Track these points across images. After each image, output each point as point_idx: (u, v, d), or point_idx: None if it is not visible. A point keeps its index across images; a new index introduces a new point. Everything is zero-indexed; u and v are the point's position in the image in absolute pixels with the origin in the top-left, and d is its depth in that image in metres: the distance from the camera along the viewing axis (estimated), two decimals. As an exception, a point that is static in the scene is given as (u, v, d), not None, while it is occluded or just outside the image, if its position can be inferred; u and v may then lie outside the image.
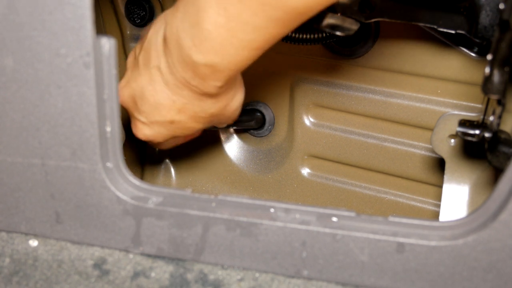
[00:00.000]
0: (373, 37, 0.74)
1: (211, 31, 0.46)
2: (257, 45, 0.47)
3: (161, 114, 0.57)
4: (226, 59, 0.48)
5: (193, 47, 0.48)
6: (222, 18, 0.45)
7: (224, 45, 0.47)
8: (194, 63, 0.49)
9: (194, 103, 0.55)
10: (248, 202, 0.48)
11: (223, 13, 0.44)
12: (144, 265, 0.49)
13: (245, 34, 0.46)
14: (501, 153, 0.55)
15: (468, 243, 0.42)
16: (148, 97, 0.56)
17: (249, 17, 0.44)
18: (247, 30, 0.45)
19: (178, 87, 0.54)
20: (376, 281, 0.45)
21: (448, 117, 0.64)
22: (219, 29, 0.45)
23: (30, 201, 0.50)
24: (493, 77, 0.49)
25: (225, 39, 0.46)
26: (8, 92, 0.47)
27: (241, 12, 0.44)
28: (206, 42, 0.47)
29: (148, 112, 0.58)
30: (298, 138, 0.84)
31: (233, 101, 0.59)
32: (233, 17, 0.44)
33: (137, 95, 0.57)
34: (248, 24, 0.45)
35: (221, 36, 0.46)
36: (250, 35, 0.46)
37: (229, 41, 0.46)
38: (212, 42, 0.47)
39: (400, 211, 0.79)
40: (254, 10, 0.44)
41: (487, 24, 0.57)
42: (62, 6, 0.43)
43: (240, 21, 0.45)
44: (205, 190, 0.91)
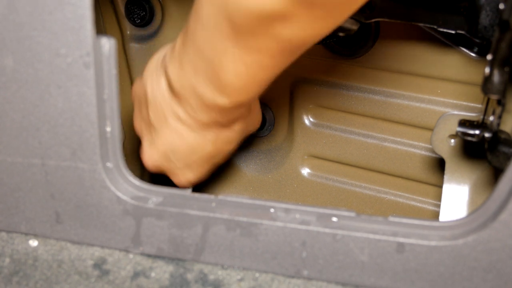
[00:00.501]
0: (373, 37, 0.74)
1: (233, 80, 0.47)
2: (273, 76, 0.49)
3: (197, 153, 0.58)
4: (250, 95, 0.50)
5: (217, 94, 0.49)
6: (241, 68, 0.46)
7: (247, 86, 0.48)
8: (220, 106, 0.50)
9: (222, 132, 0.57)
10: (248, 202, 0.48)
11: (241, 65, 0.46)
12: (144, 265, 0.49)
13: (265, 75, 0.47)
14: (501, 153, 0.55)
15: (468, 243, 0.42)
16: (179, 147, 0.57)
17: (268, 62, 0.46)
18: (267, 71, 0.47)
19: (203, 127, 0.55)
20: (376, 281, 0.45)
21: (448, 117, 0.64)
22: (240, 76, 0.47)
23: (30, 201, 0.50)
24: (493, 77, 0.49)
25: (247, 82, 0.48)
26: (8, 92, 0.47)
27: (260, 60, 0.45)
28: (229, 88, 0.48)
29: (185, 158, 0.58)
30: (298, 138, 0.84)
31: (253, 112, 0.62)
32: (252, 65, 0.46)
33: (168, 150, 0.57)
34: (268, 67, 0.46)
35: (243, 81, 0.47)
36: (270, 74, 0.48)
37: (251, 82, 0.48)
38: (235, 87, 0.48)
39: (400, 211, 0.79)
40: (273, 56, 0.45)
41: (487, 24, 0.57)
42: (62, 6, 0.43)
43: (259, 66, 0.46)
44: (205, 190, 0.91)
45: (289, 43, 0.43)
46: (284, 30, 0.41)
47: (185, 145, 0.57)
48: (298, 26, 0.41)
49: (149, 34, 0.86)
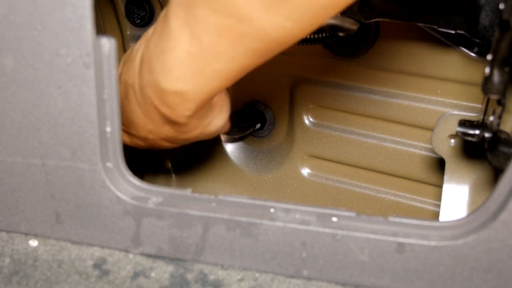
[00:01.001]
0: (373, 37, 0.74)
1: (182, 59, 0.44)
2: (231, 75, 0.45)
3: (135, 129, 0.56)
4: (196, 88, 0.45)
5: (162, 73, 0.46)
6: (195, 48, 0.43)
7: (195, 74, 0.44)
8: (162, 90, 0.47)
9: (165, 128, 0.53)
10: (248, 202, 0.48)
11: (196, 44, 0.42)
12: (144, 265, 0.49)
13: (219, 65, 0.43)
14: (501, 153, 0.55)
15: (468, 243, 0.42)
16: (124, 111, 0.55)
17: (226, 48, 0.42)
18: (222, 60, 0.43)
19: (148, 111, 0.51)
20: (376, 281, 0.45)
21: (448, 117, 0.64)
22: (191, 58, 0.43)
23: (30, 201, 0.50)
24: (493, 77, 0.49)
25: (197, 69, 0.44)
26: (8, 92, 0.47)
27: (217, 43, 0.42)
28: (176, 70, 0.45)
29: (125, 123, 0.56)
30: (298, 138, 0.84)
31: (210, 126, 0.55)
32: (207, 48, 0.42)
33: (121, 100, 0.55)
34: (224, 55, 0.42)
35: (193, 66, 0.44)
36: (225, 65, 0.43)
37: (201, 70, 0.44)
38: (182, 71, 0.44)
39: (400, 211, 0.79)
40: (232, 42, 0.41)
41: (487, 24, 0.57)
42: (62, 6, 0.43)
43: (215, 52, 0.42)
44: (205, 190, 0.91)
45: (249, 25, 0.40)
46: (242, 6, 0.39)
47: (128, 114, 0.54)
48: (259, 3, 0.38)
49: (149, 34, 0.86)
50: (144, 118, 0.53)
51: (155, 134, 0.55)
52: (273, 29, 0.40)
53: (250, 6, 0.39)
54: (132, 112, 0.54)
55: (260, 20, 0.39)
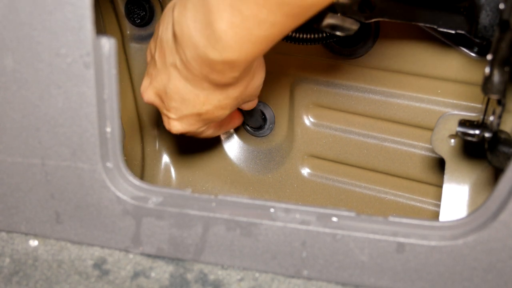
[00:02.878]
0: (373, 37, 0.74)
1: (227, 31, 0.46)
2: (272, 39, 0.47)
3: (188, 108, 0.58)
4: (242, 55, 0.48)
5: (209, 46, 0.48)
6: (237, 19, 0.45)
7: (240, 43, 0.47)
8: (211, 60, 0.49)
9: (216, 93, 0.56)
10: (248, 202, 0.48)
11: (237, 14, 0.44)
12: (144, 265, 0.49)
13: (261, 31, 0.46)
14: (501, 153, 0.55)
15: (468, 243, 0.42)
16: (172, 94, 0.57)
17: (265, 16, 0.44)
18: (263, 27, 0.45)
19: (197, 81, 0.54)
20: (376, 281, 0.45)
21: (448, 117, 0.64)
22: (234, 28, 0.45)
23: (30, 201, 0.50)
24: (493, 77, 0.49)
25: (242, 37, 0.46)
26: (8, 92, 0.47)
27: (257, 12, 0.44)
28: (222, 41, 0.47)
29: (175, 107, 0.59)
30: (298, 138, 0.84)
31: (254, 80, 0.59)
32: (248, 17, 0.44)
33: (162, 93, 0.58)
34: (265, 22, 0.45)
35: (238, 35, 0.46)
36: (266, 31, 0.46)
37: (245, 38, 0.46)
38: (228, 41, 0.46)
39: (400, 211, 0.79)
40: (271, 9, 0.44)
41: (487, 24, 0.57)
42: (62, 6, 0.43)
43: (256, 20, 0.44)
44: (205, 190, 0.91)
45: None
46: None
47: (177, 94, 0.57)
48: None
49: (149, 34, 0.86)
50: (194, 90, 0.55)
51: (208, 104, 0.57)
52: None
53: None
54: (179, 90, 0.56)
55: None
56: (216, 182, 0.91)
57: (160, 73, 0.57)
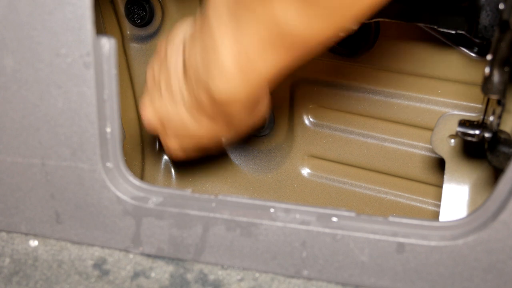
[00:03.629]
0: (373, 37, 0.74)
1: (229, 64, 0.46)
2: (274, 72, 0.48)
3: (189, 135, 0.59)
4: (243, 89, 0.49)
5: (212, 78, 0.49)
6: (240, 51, 0.45)
7: (242, 75, 0.47)
8: (213, 93, 0.50)
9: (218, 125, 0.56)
10: (248, 202, 0.48)
11: (240, 46, 0.45)
12: (144, 265, 0.49)
13: (262, 64, 0.46)
14: (501, 153, 0.55)
15: (468, 243, 0.42)
16: (174, 122, 0.57)
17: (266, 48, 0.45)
18: (265, 60, 0.46)
19: (200, 114, 0.55)
20: (376, 281, 0.45)
21: (448, 117, 0.64)
22: (237, 61, 0.46)
23: (30, 201, 0.50)
24: (493, 77, 0.49)
25: (243, 69, 0.47)
26: (8, 92, 0.47)
27: (258, 44, 0.44)
28: (224, 73, 0.47)
29: (176, 132, 0.59)
30: (298, 138, 0.84)
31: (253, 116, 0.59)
32: (250, 49, 0.45)
33: (164, 117, 0.58)
34: (265, 55, 0.45)
35: (240, 67, 0.47)
36: (268, 64, 0.47)
37: (247, 70, 0.47)
38: (230, 73, 0.47)
39: (400, 211, 0.79)
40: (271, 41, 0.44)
41: (487, 24, 0.57)
42: (62, 6, 0.43)
43: (257, 52, 0.45)
44: (205, 190, 0.91)
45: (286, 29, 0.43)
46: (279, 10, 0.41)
47: (179, 122, 0.57)
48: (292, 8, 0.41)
49: (149, 34, 0.86)
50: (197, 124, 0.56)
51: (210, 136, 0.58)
52: (309, 32, 0.43)
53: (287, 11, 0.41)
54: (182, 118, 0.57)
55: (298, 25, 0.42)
56: (216, 182, 0.91)
57: (164, 100, 0.57)
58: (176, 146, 0.62)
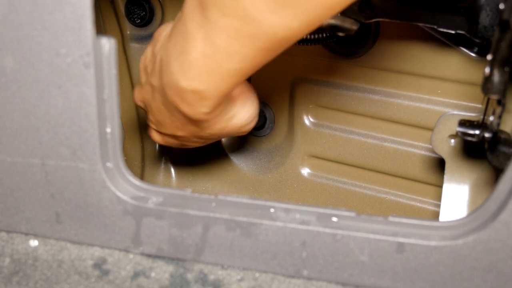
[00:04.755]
0: (373, 37, 0.74)
1: (198, 59, 0.46)
2: (243, 73, 0.47)
3: (165, 127, 0.59)
4: (211, 87, 0.48)
5: (180, 73, 0.48)
6: (209, 49, 0.45)
7: (210, 74, 0.46)
8: (180, 89, 0.49)
9: (189, 125, 0.55)
10: (248, 202, 0.48)
11: (210, 44, 0.44)
12: (144, 265, 0.49)
13: (232, 64, 0.45)
14: (501, 153, 0.55)
15: (468, 243, 0.42)
16: (153, 112, 0.58)
17: (237, 49, 0.44)
18: (235, 60, 0.45)
19: (171, 109, 0.54)
20: (376, 281, 0.45)
21: (448, 117, 0.64)
22: (206, 59, 0.45)
23: (30, 201, 0.50)
24: (493, 77, 0.49)
25: (212, 69, 0.46)
26: (8, 92, 0.47)
27: (229, 44, 0.44)
28: (192, 70, 0.47)
29: (155, 122, 0.60)
30: (298, 138, 0.84)
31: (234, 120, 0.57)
32: (220, 48, 0.44)
33: (147, 105, 0.59)
34: (236, 55, 0.45)
35: (208, 66, 0.46)
36: (237, 65, 0.46)
37: (216, 70, 0.46)
38: (198, 70, 0.46)
39: (400, 211, 0.79)
40: (242, 42, 0.44)
41: (487, 24, 0.57)
42: (62, 6, 0.43)
43: (227, 52, 0.44)
44: (205, 190, 0.91)
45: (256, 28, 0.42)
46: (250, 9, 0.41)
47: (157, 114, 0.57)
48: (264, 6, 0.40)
49: (149, 34, 0.86)
50: (170, 116, 0.56)
51: (183, 131, 0.58)
52: (281, 29, 0.42)
53: (258, 9, 0.41)
54: (159, 112, 0.57)
55: (268, 22, 0.42)
56: (216, 182, 0.91)
57: (145, 86, 0.58)
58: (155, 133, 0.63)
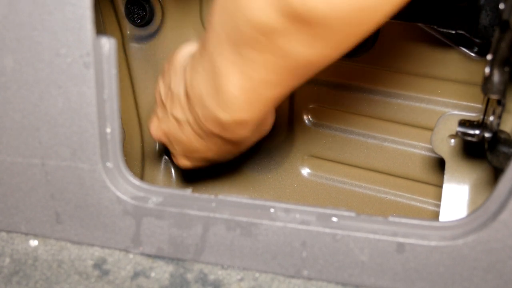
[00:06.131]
0: (373, 37, 0.74)
1: (236, 95, 0.47)
2: (280, 96, 0.49)
3: (197, 153, 0.60)
4: (253, 115, 0.50)
5: (219, 108, 0.49)
6: (248, 84, 0.46)
7: (251, 104, 0.48)
8: (222, 121, 0.50)
9: (227, 146, 0.57)
10: (248, 202, 0.48)
11: (248, 79, 0.45)
12: (144, 265, 0.49)
13: (271, 92, 0.47)
14: (501, 153, 0.55)
15: (468, 243, 0.42)
16: (183, 142, 0.59)
17: (272, 78, 0.45)
18: (270, 88, 0.46)
19: (210, 138, 0.56)
20: (376, 281, 0.45)
21: (448, 117, 0.64)
22: (245, 93, 0.47)
23: (30, 201, 0.50)
24: (493, 77, 0.49)
25: (252, 100, 0.47)
26: (8, 92, 0.47)
27: (267, 76, 0.45)
28: (232, 104, 0.48)
29: (185, 150, 0.61)
30: (298, 138, 0.84)
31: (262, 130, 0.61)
32: (255, 79, 0.45)
33: (171, 137, 0.60)
34: (271, 83, 0.46)
35: (248, 98, 0.47)
36: (276, 91, 0.47)
37: (256, 100, 0.47)
38: (239, 103, 0.48)
39: (400, 211, 0.79)
40: (280, 73, 0.45)
41: (487, 24, 0.57)
42: (62, 6, 0.43)
43: (262, 82, 0.46)
44: (205, 190, 0.91)
45: (292, 60, 0.43)
46: (285, 45, 0.42)
47: (189, 144, 0.59)
48: (298, 42, 0.41)
49: (149, 34, 0.86)
50: (206, 144, 0.58)
51: (219, 154, 0.60)
52: (315, 58, 0.43)
53: (293, 46, 0.42)
54: (191, 142, 0.58)
55: (304, 55, 0.43)
56: (216, 182, 0.91)
57: (170, 121, 0.58)
58: (183, 159, 0.64)
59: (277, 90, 0.47)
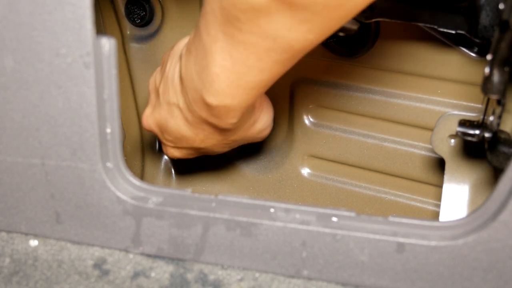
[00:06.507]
0: (373, 37, 0.74)
1: (219, 74, 0.47)
2: (263, 84, 0.49)
3: (187, 142, 0.60)
4: (236, 99, 0.49)
5: (204, 89, 0.49)
6: (227, 62, 0.46)
7: (232, 87, 0.48)
8: (207, 103, 0.51)
9: (215, 134, 0.58)
10: (248, 202, 0.48)
11: (228, 58, 0.46)
12: (144, 265, 0.49)
13: (251, 77, 0.47)
14: (501, 153, 0.55)
15: (468, 243, 0.42)
16: (172, 129, 0.59)
17: (254, 62, 0.45)
18: (253, 73, 0.46)
19: (197, 123, 0.56)
20: (376, 281, 0.45)
21: (448, 117, 0.64)
22: (226, 72, 0.47)
23: (30, 201, 0.50)
24: (493, 77, 0.49)
25: (233, 82, 0.47)
26: (8, 92, 0.47)
27: (246, 57, 0.45)
28: (215, 85, 0.48)
29: (174, 140, 0.61)
30: (298, 138, 0.84)
31: (255, 125, 0.61)
32: (238, 62, 0.46)
33: (162, 125, 0.60)
34: (254, 68, 0.46)
35: (229, 79, 0.47)
36: (256, 77, 0.47)
37: (236, 83, 0.48)
38: (220, 85, 0.48)
39: (400, 211, 0.79)
40: (259, 56, 0.45)
41: (487, 24, 0.57)
42: (62, 6, 0.43)
43: (245, 65, 0.46)
44: (205, 190, 0.91)
45: (274, 43, 0.43)
46: (268, 26, 0.42)
47: (177, 131, 0.59)
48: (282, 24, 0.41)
49: (149, 34, 0.86)
50: (194, 130, 0.58)
51: (207, 142, 0.60)
52: (296, 42, 0.43)
53: (274, 28, 0.42)
54: (180, 128, 0.58)
55: (285, 37, 0.43)
56: (216, 182, 0.91)
57: (162, 108, 0.59)
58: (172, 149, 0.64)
59: (259, 76, 0.47)
